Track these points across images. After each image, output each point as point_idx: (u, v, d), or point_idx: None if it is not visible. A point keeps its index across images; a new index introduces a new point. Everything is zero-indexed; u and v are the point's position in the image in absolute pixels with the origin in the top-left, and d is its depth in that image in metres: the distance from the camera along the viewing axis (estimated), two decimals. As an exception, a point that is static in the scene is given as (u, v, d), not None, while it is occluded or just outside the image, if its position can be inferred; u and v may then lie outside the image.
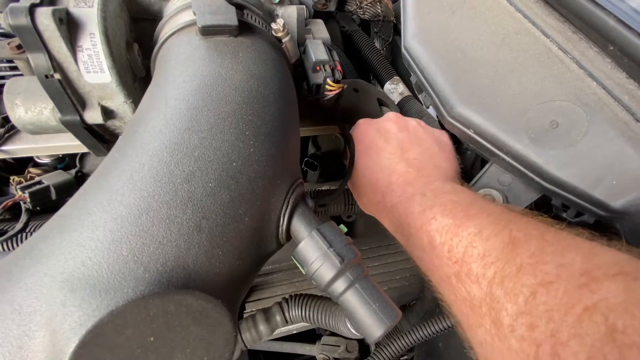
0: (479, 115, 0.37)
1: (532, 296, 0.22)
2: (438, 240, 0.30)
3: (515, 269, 0.24)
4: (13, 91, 0.35)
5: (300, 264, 0.28)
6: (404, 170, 0.37)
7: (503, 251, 0.25)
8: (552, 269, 0.22)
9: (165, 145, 0.24)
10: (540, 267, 0.23)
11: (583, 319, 0.20)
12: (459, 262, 0.27)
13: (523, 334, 0.22)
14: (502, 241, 0.26)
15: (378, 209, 0.39)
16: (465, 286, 0.27)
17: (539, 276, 0.22)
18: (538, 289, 0.22)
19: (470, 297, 0.26)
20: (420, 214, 0.32)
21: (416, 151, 0.39)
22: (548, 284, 0.22)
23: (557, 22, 0.34)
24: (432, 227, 0.31)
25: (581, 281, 0.21)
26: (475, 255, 0.27)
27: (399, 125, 0.41)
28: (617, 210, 0.31)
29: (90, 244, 0.21)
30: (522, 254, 0.24)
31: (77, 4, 0.32)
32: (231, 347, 0.21)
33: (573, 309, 0.20)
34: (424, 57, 0.42)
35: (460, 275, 0.27)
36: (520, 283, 0.23)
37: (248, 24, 0.33)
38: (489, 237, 0.27)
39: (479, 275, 0.26)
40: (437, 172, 0.37)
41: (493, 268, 0.25)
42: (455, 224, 0.29)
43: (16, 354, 0.19)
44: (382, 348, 0.57)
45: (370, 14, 0.69)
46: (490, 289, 0.25)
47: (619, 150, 0.30)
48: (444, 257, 0.29)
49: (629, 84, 0.30)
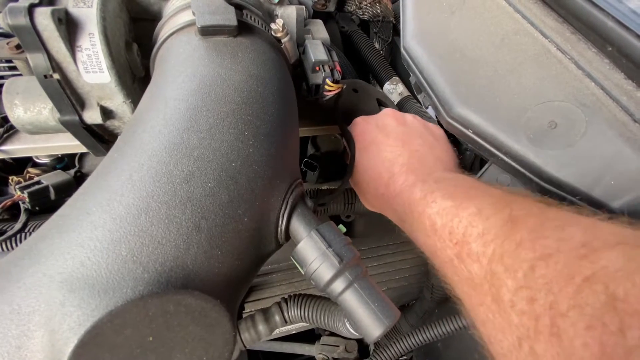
0: (477, 116, 0.37)
1: (531, 270, 0.22)
2: (439, 222, 0.30)
3: (514, 245, 0.24)
4: (12, 91, 0.35)
5: (299, 264, 0.28)
6: (406, 161, 0.37)
7: (502, 228, 0.25)
8: (552, 242, 0.22)
9: (164, 145, 0.24)
10: (539, 242, 0.23)
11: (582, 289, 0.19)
12: (460, 243, 0.27)
13: (523, 308, 0.22)
14: (502, 219, 0.26)
15: (382, 201, 0.39)
16: (467, 266, 0.27)
17: (538, 250, 0.22)
18: (537, 262, 0.22)
19: (472, 277, 0.26)
20: (422, 199, 0.32)
21: (416, 143, 0.39)
22: (547, 256, 0.22)
23: (556, 23, 0.34)
24: (433, 211, 0.31)
25: (581, 252, 0.20)
26: (474, 235, 0.26)
27: (397, 119, 0.42)
28: (615, 211, 0.31)
29: (89, 244, 0.21)
30: (521, 230, 0.24)
31: (76, 4, 0.32)
32: (230, 347, 0.21)
33: (572, 280, 0.20)
34: (423, 58, 0.42)
35: (461, 255, 0.27)
36: (520, 258, 0.23)
37: (247, 24, 0.33)
38: (489, 216, 0.27)
39: (479, 254, 0.26)
40: (438, 163, 0.38)
41: (492, 245, 0.25)
42: (455, 205, 0.29)
43: (15, 354, 0.19)
44: (381, 349, 0.57)
45: (369, 15, 0.69)
46: (490, 266, 0.24)
47: (617, 150, 0.30)
48: (446, 239, 0.29)
49: (627, 85, 0.30)
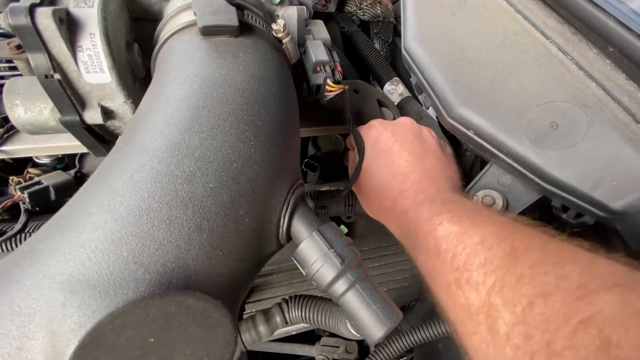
0: (478, 116, 0.37)
1: (529, 306, 0.22)
2: (444, 246, 0.30)
3: (515, 279, 0.24)
4: (12, 91, 0.35)
5: (300, 264, 0.28)
6: (418, 178, 0.37)
7: (504, 260, 0.26)
8: (551, 280, 0.23)
9: (165, 145, 0.24)
10: (539, 278, 0.23)
11: (578, 331, 0.20)
12: (461, 269, 0.28)
13: (518, 343, 0.22)
14: (504, 250, 0.26)
15: (386, 214, 0.39)
16: (464, 293, 0.27)
17: (537, 287, 0.23)
18: (536, 299, 0.22)
19: (468, 304, 0.26)
20: (428, 220, 0.32)
21: (430, 160, 0.39)
22: (546, 295, 0.22)
23: (557, 24, 0.34)
24: (439, 234, 0.31)
25: (578, 293, 0.21)
26: (476, 264, 0.27)
27: (414, 132, 0.41)
28: (617, 211, 0.31)
29: (90, 244, 0.21)
30: (522, 264, 0.24)
31: (78, 4, 0.31)
32: (231, 348, 0.21)
33: (569, 321, 0.20)
34: (424, 58, 0.42)
35: (460, 281, 0.27)
36: (519, 293, 0.23)
37: (248, 24, 0.33)
38: (492, 246, 0.27)
39: (479, 283, 0.26)
40: (448, 183, 0.38)
41: (493, 277, 0.25)
42: (461, 231, 0.29)
43: (16, 355, 0.19)
44: (381, 349, 0.56)
45: (370, 15, 0.69)
46: (489, 297, 0.25)
47: (618, 151, 0.30)
48: (447, 263, 0.29)
49: (628, 86, 0.30)
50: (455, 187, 0.38)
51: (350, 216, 0.57)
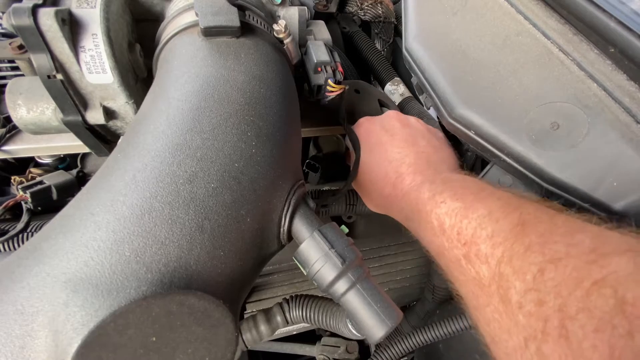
0: (479, 117, 0.37)
1: (540, 273, 0.22)
2: (448, 223, 0.30)
3: (523, 248, 0.24)
4: (15, 91, 0.35)
5: (301, 264, 0.28)
6: (413, 161, 0.38)
7: (512, 231, 0.25)
8: (561, 247, 0.22)
9: (167, 145, 0.24)
10: (549, 246, 0.23)
11: (591, 293, 0.19)
12: (468, 244, 0.28)
13: (531, 310, 0.22)
14: (511, 222, 0.26)
15: (388, 201, 0.39)
16: (475, 266, 0.27)
17: (547, 254, 0.22)
18: (546, 265, 0.22)
19: (479, 277, 0.26)
20: (430, 199, 0.33)
21: (422, 144, 0.40)
22: (556, 260, 0.22)
23: (558, 24, 0.34)
24: (442, 211, 0.31)
25: (590, 257, 0.21)
26: (484, 236, 0.27)
27: (401, 121, 0.42)
28: (618, 212, 0.31)
29: (92, 244, 0.21)
30: (530, 234, 0.24)
31: (80, 4, 0.32)
32: (233, 348, 0.21)
33: (581, 284, 0.20)
34: (425, 58, 0.42)
35: (469, 256, 0.27)
36: (529, 261, 0.23)
37: (250, 25, 0.34)
38: (499, 218, 0.27)
39: (488, 255, 0.26)
40: (444, 165, 0.38)
41: (501, 247, 0.25)
42: (465, 206, 0.29)
43: (19, 354, 0.19)
44: (382, 349, 0.57)
45: (371, 15, 0.69)
46: (498, 268, 0.25)
47: (619, 152, 0.30)
48: (454, 239, 0.29)
49: (629, 86, 0.30)
50: (452, 168, 0.39)
51: (351, 216, 0.57)
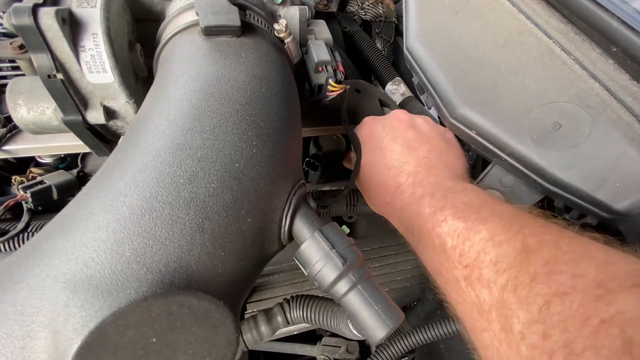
0: (481, 117, 0.36)
1: (546, 306, 0.22)
2: (449, 243, 0.29)
3: (529, 278, 0.24)
4: (15, 91, 0.35)
5: (302, 265, 0.28)
6: (412, 170, 0.36)
7: (516, 259, 0.25)
8: (567, 279, 0.22)
9: (168, 145, 0.24)
10: (554, 277, 0.23)
11: (599, 331, 0.19)
12: (470, 267, 0.27)
13: (535, 342, 0.22)
14: (515, 248, 0.26)
15: (387, 209, 0.38)
16: (475, 290, 0.26)
17: (553, 286, 0.22)
18: (553, 299, 0.22)
19: (479, 301, 0.26)
20: (431, 216, 0.32)
21: (424, 149, 0.38)
22: (563, 294, 0.22)
23: (560, 24, 0.34)
24: (443, 230, 0.30)
25: (597, 293, 0.21)
26: (487, 261, 0.26)
27: (406, 123, 0.41)
28: (620, 212, 0.31)
29: (92, 244, 0.21)
30: (535, 263, 0.24)
31: (80, 4, 0.32)
32: (233, 348, 0.21)
33: (589, 321, 0.20)
34: (426, 58, 0.42)
35: (470, 279, 0.27)
36: (534, 292, 0.23)
37: (250, 24, 0.33)
38: (502, 243, 0.26)
39: (490, 281, 0.26)
40: (447, 171, 0.36)
41: (506, 275, 0.25)
42: (467, 227, 0.29)
43: (19, 355, 0.19)
44: (383, 349, 0.56)
45: (371, 15, 0.69)
46: (501, 296, 0.24)
47: (621, 152, 0.30)
48: (455, 260, 0.29)
49: (632, 86, 0.30)
50: (456, 173, 0.37)
51: (351, 216, 0.57)
